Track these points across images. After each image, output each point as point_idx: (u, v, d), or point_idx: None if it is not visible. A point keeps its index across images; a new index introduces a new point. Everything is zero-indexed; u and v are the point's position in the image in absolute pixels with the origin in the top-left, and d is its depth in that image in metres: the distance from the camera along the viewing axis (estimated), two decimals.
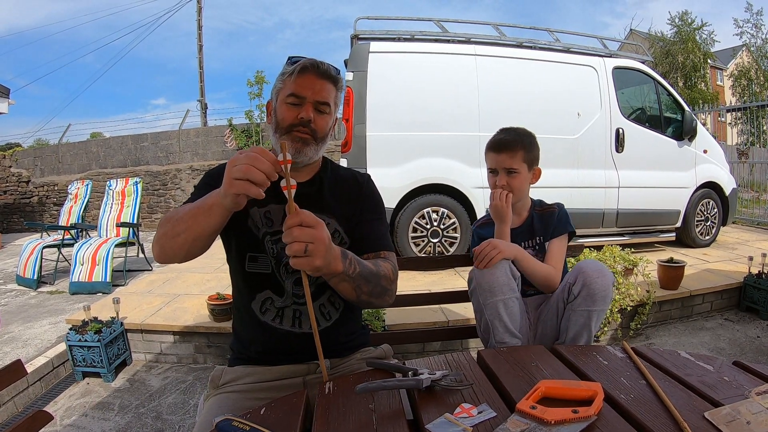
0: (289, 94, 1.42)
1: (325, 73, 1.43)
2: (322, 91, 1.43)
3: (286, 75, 1.43)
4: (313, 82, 1.42)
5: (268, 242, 1.47)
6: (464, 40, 5.43)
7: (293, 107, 1.42)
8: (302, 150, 1.43)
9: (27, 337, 4.06)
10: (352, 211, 1.55)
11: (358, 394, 1.04)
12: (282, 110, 1.44)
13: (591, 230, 5.55)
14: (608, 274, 1.74)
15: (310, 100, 1.42)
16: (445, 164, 5.16)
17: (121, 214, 6.46)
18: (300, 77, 1.41)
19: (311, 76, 1.42)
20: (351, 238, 1.53)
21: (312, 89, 1.42)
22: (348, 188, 1.59)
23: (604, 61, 5.62)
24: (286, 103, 1.43)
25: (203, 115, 16.52)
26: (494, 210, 2.03)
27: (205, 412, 1.38)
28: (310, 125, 1.42)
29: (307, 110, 1.41)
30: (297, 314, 1.47)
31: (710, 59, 22.12)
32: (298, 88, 1.41)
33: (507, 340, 1.78)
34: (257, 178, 1.07)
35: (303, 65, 1.41)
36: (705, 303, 4.29)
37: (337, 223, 1.51)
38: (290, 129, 1.42)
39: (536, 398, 1.00)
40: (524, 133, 2.12)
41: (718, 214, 6.25)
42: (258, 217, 1.47)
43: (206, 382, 3.31)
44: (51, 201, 12.15)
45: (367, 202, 1.59)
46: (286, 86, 1.43)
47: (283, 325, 1.46)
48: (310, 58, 1.44)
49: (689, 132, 5.83)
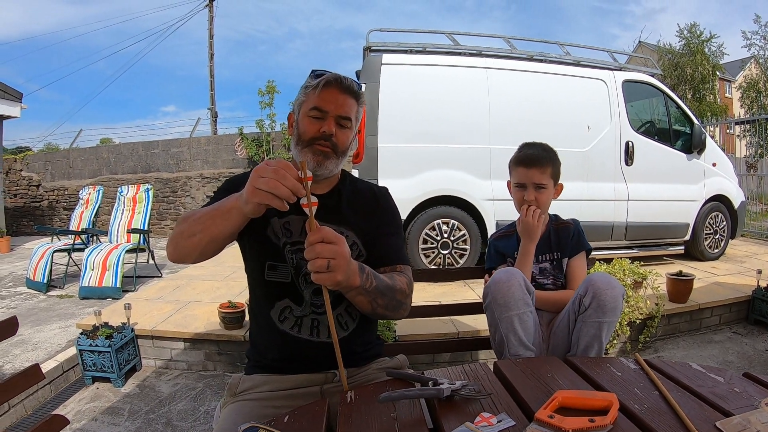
0: (312, 108, 1.44)
1: (348, 89, 1.45)
2: (344, 105, 1.45)
3: (310, 89, 1.45)
4: (335, 97, 1.44)
5: (288, 252, 1.48)
6: (475, 52, 5.47)
7: (316, 121, 1.44)
8: (323, 163, 1.45)
9: (37, 341, 4.09)
10: (370, 224, 1.56)
11: (380, 403, 1.06)
12: (304, 123, 1.46)
13: (600, 243, 5.55)
14: (618, 286, 1.75)
15: (333, 114, 1.44)
16: (456, 176, 5.19)
17: (131, 221, 6.50)
18: (323, 91, 1.43)
19: (334, 91, 1.44)
20: (368, 251, 1.54)
21: (335, 103, 1.43)
22: (366, 202, 1.61)
23: (614, 75, 5.64)
24: (308, 117, 1.45)
25: (213, 124, 16.62)
26: (524, 226, 2.03)
27: (222, 420, 1.40)
28: (332, 139, 1.44)
29: (329, 124, 1.43)
30: (315, 323, 1.47)
31: (719, 71, 22.05)
32: (321, 102, 1.43)
33: (521, 353, 1.79)
34: (282, 193, 1.11)
35: (327, 80, 1.43)
36: (714, 316, 4.28)
37: (355, 236, 1.53)
38: (312, 142, 1.44)
39: (553, 408, 1.02)
40: (550, 149, 2.14)
41: (727, 227, 6.24)
42: (278, 227, 1.49)
43: (216, 390, 3.35)
44: (61, 205, 12.23)
45: (384, 216, 1.61)
46: (309, 100, 1.45)
47: (301, 334, 1.47)
48: (333, 73, 1.46)
49: (698, 145, 5.83)
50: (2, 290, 6.06)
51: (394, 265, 1.53)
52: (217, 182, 11.09)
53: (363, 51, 5.43)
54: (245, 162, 11.65)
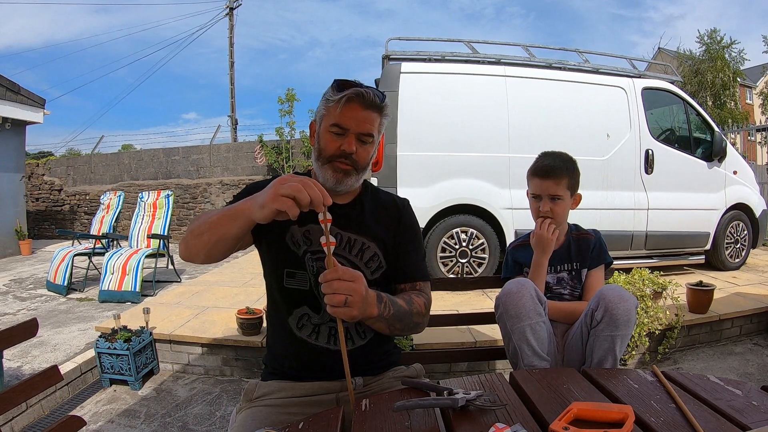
0: (333, 124, 1.42)
1: (371, 104, 1.42)
2: (365, 122, 1.43)
3: (332, 103, 1.42)
4: (357, 114, 1.41)
5: (309, 260, 1.47)
6: (494, 61, 5.46)
7: (336, 137, 1.43)
8: (343, 180, 1.45)
9: (56, 342, 4.14)
10: (391, 237, 1.57)
11: (394, 412, 1.06)
12: (325, 139, 1.45)
13: (620, 253, 5.50)
14: (630, 299, 1.73)
15: (354, 131, 1.42)
16: (475, 185, 5.18)
17: (152, 226, 6.58)
18: (345, 108, 1.40)
19: (356, 107, 1.41)
20: (388, 264, 1.54)
21: (356, 120, 1.41)
22: (388, 213, 1.61)
23: (633, 82, 5.60)
24: (329, 132, 1.43)
25: (233, 131, 16.76)
26: (538, 239, 2.02)
27: (238, 425, 1.40)
28: (352, 157, 1.43)
29: (350, 143, 1.42)
30: (333, 331, 1.47)
31: (740, 77, 21.80)
32: (343, 119, 1.41)
33: (536, 363, 1.78)
34: (304, 200, 1.10)
35: (348, 97, 1.39)
36: (734, 327, 4.21)
37: (377, 247, 1.52)
38: (332, 159, 1.44)
39: (569, 419, 1.01)
40: (568, 159, 2.11)
41: (748, 237, 6.14)
42: (299, 235, 1.48)
43: (233, 395, 3.36)
44: (82, 210, 12.40)
45: (406, 231, 1.60)
46: (330, 114, 1.43)
47: (318, 342, 1.46)
48: (356, 86, 1.42)
49: (719, 153, 5.76)
50: (23, 292, 6.16)
51: (414, 282, 1.55)
52: (237, 189, 11.17)
53: (382, 59, 5.45)
54: (265, 169, 11.73)
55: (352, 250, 1.50)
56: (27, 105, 9.53)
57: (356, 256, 1.50)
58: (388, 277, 1.56)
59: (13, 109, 9.24)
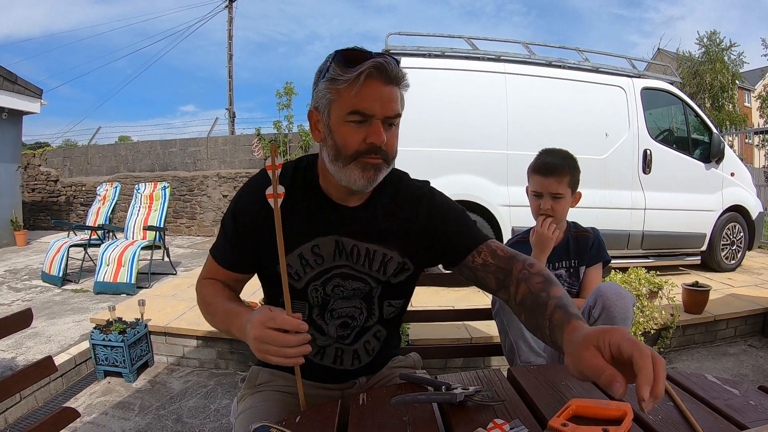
0: (352, 112, 1.13)
1: (394, 77, 1.15)
2: (390, 102, 1.15)
3: (343, 83, 1.13)
4: (380, 92, 1.13)
5: (312, 290, 1.30)
6: (494, 57, 5.44)
7: (358, 128, 1.15)
8: (374, 178, 1.20)
9: (50, 334, 4.13)
10: (417, 233, 1.34)
11: (392, 406, 1.06)
12: (343, 132, 1.16)
13: (616, 252, 5.50)
14: (627, 297, 1.73)
15: (379, 116, 1.14)
16: (473, 181, 5.17)
17: (148, 218, 6.56)
18: (365, 88, 1.11)
19: (378, 84, 1.13)
20: (417, 264, 1.37)
21: (380, 102, 1.13)
22: (407, 208, 1.35)
23: (633, 82, 5.60)
24: (347, 123, 1.15)
25: (231, 124, 16.71)
26: (538, 237, 2.01)
27: (246, 412, 1.32)
28: (382, 148, 1.17)
29: (378, 132, 1.14)
30: (339, 352, 1.37)
31: (738, 80, 21.83)
32: (364, 103, 1.12)
33: (532, 359, 1.78)
34: (290, 363, 1.07)
35: (368, 73, 1.10)
36: (729, 328, 4.23)
37: (399, 254, 1.32)
38: (357, 156, 1.16)
39: (567, 416, 1.00)
40: (569, 157, 2.11)
41: (744, 239, 6.17)
42: (299, 263, 1.28)
43: (227, 388, 3.36)
44: (78, 201, 12.35)
45: (434, 217, 1.35)
46: (344, 99, 1.14)
47: (323, 362, 1.37)
48: (372, 57, 1.12)
49: (717, 154, 5.78)
50: (18, 283, 6.14)
51: (476, 247, 1.29)
52: (234, 182, 11.14)
53: None
54: (262, 162, 11.68)
55: (372, 265, 1.31)
56: (24, 95, 9.48)
57: (379, 270, 1.32)
58: (414, 278, 1.40)
59: (10, 98, 9.20)
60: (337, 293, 1.31)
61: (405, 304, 1.44)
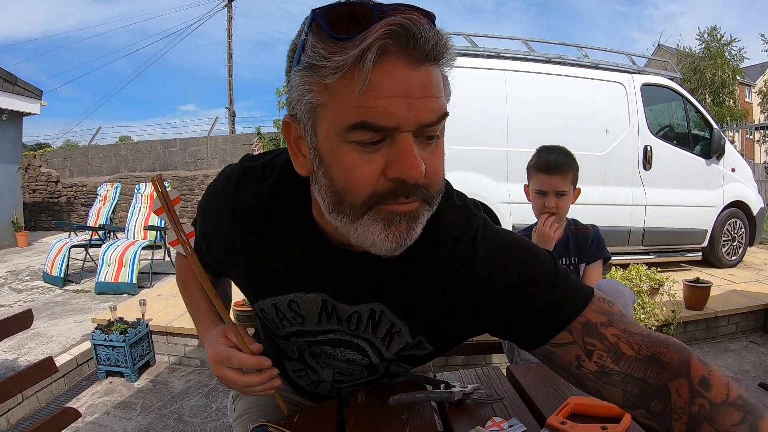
0: (358, 125, 0.64)
1: (430, 50, 0.65)
2: (427, 95, 0.67)
3: (334, 72, 0.62)
4: (407, 83, 0.63)
5: (295, 343, 1.03)
6: (494, 54, 5.42)
7: (372, 151, 0.67)
8: (409, 236, 0.73)
9: (52, 334, 4.14)
10: (452, 308, 0.89)
11: (390, 406, 1.06)
12: (345, 163, 0.68)
13: (617, 248, 5.49)
14: (627, 294, 1.72)
15: (408, 127, 0.65)
16: (473, 179, 5.14)
17: (148, 218, 6.56)
18: (379, 74, 0.61)
19: (401, 67, 0.63)
20: (445, 346, 0.99)
21: (408, 99, 0.64)
22: (438, 264, 0.86)
23: (633, 78, 5.58)
24: (349, 145, 0.67)
25: (231, 123, 16.71)
26: (540, 236, 1.98)
27: (239, 417, 1.27)
28: (419, 185, 0.69)
29: (409, 157, 0.65)
30: (335, 386, 1.13)
31: (739, 75, 21.81)
32: (379, 108, 0.63)
33: (531, 357, 1.78)
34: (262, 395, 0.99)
35: (383, 45, 0.60)
36: (730, 325, 4.22)
37: (409, 333, 0.92)
38: (375, 203, 0.69)
39: (566, 414, 1.01)
40: (569, 153, 2.10)
41: (745, 234, 6.14)
42: (274, 313, 0.96)
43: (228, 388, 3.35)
44: (79, 201, 12.36)
45: (487, 292, 0.86)
46: (342, 100, 0.64)
47: (319, 391, 1.17)
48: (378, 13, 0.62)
49: (717, 150, 5.75)
50: (19, 284, 6.15)
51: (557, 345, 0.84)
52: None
53: None
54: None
55: (378, 331, 0.93)
56: (24, 96, 9.49)
57: (383, 340, 0.94)
58: (434, 356, 1.02)
59: (10, 100, 9.20)
60: (328, 363, 1.05)
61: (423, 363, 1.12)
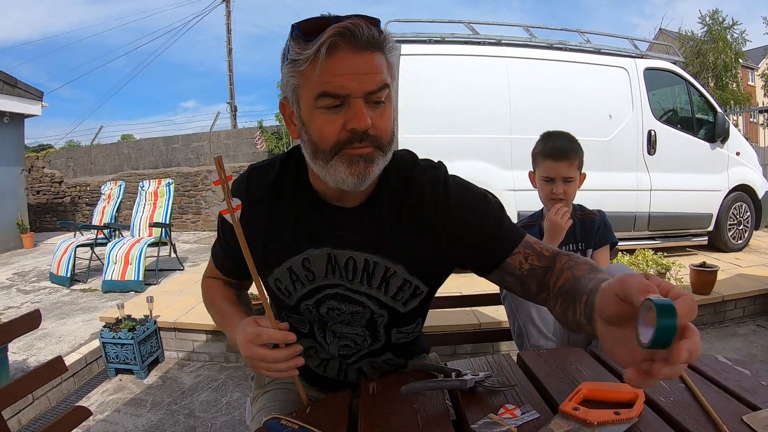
0: (321, 95, 0.91)
1: (368, 41, 0.89)
2: (370, 72, 0.91)
3: (303, 63, 0.91)
4: (352, 63, 0.89)
5: (304, 309, 1.17)
6: (495, 42, 5.39)
7: (333, 114, 0.92)
8: (367, 173, 0.96)
9: (61, 334, 4.15)
10: (432, 238, 1.09)
11: (402, 395, 1.05)
12: (317, 122, 0.94)
13: (622, 234, 5.47)
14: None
15: (358, 94, 0.90)
16: (477, 167, 5.13)
17: (153, 215, 6.57)
18: (330, 62, 0.88)
19: (347, 54, 0.89)
20: (432, 284, 1.17)
21: (354, 75, 0.89)
22: (420, 204, 1.09)
23: (635, 62, 5.55)
24: (319, 110, 0.93)
25: (233, 118, 16.71)
26: (551, 225, 1.96)
27: (256, 412, 1.30)
28: (370, 134, 0.93)
29: (359, 114, 0.90)
30: (343, 366, 1.26)
31: (741, 59, 21.66)
32: (334, 82, 0.89)
33: (541, 343, 1.77)
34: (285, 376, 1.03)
35: (331, 42, 0.87)
36: (737, 309, 4.20)
37: (406, 271, 1.10)
38: (339, 149, 0.94)
39: (578, 400, 1.00)
40: (574, 139, 2.08)
41: (751, 218, 6.11)
42: (288, 278, 1.14)
43: (238, 381, 3.37)
44: (83, 201, 12.38)
45: (455, 216, 1.09)
46: (311, 81, 0.91)
47: (327, 374, 1.28)
48: (334, 22, 0.89)
49: (721, 134, 5.73)
50: (26, 285, 6.17)
51: (513, 252, 1.08)
52: (238, 175, 11.10)
53: None
54: (265, 155, 11.66)
55: (372, 282, 1.11)
56: (24, 98, 9.49)
57: (380, 289, 1.12)
58: (429, 300, 1.21)
59: (11, 102, 9.21)
60: (334, 317, 1.17)
61: (419, 327, 1.30)
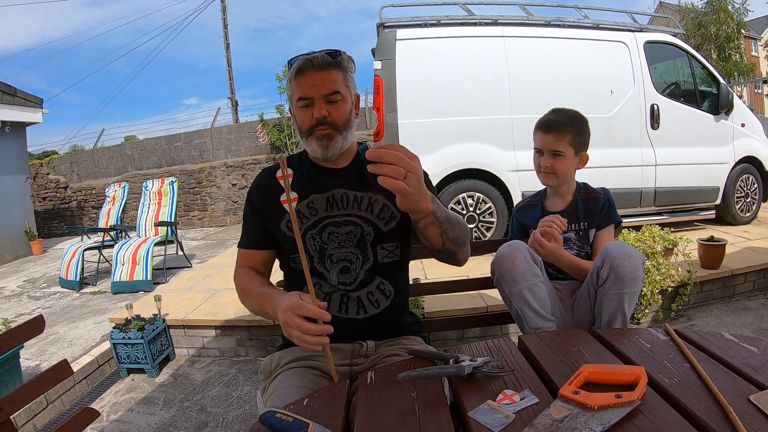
0: (299, 99, 1.47)
1: (322, 64, 1.44)
2: (326, 83, 1.45)
3: (290, 80, 1.49)
4: (313, 79, 1.44)
5: (309, 239, 1.52)
6: (491, 21, 5.34)
7: (306, 110, 1.47)
8: (329, 146, 1.48)
9: (72, 337, 4.17)
10: None
11: (399, 383, 1.05)
12: (299, 115, 1.50)
13: (629, 210, 5.44)
14: (635, 255, 1.68)
15: (318, 97, 1.45)
16: (479, 149, 5.11)
17: (158, 214, 6.57)
18: (300, 79, 1.45)
19: (310, 74, 1.45)
20: (403, 211, 1.45)
21: (315, 86, 1.44)
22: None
23: (635, 36, 5.48)
24: (299, 108, 1.49)
25: (234, 112, 16.65)
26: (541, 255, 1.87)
27: (266, 400, 1.44)
28: (327, 120, 1.46)
29: (319, 108, 1.44)
30: (344, 299, 1.52)
31: (744, 29, 21.41)
32: (303, 90, 1.45)
33: (540, 324, 1.76)
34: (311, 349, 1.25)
35: (298, 67, 1.44)
36: (747, 282, 4.16)
37: (385, 198, 1.54)
38: (311, 131, 1.48)
39: (579, 383, 0.99)
40: (576, 116, 2.04)
41: (759, 190, 6.03)
42: (296, 216, 1.48)
43: (248, 375, 3.38)
44: (89, 204, 12.42)
45: None
46: (294, 90, 1.48)
47: (329, 310, 1.39)
48: (304, 55, 1.46)
49: (725, 105, 5.64)
50: (37, 291, 6.20)
51: None
52: (242, 170, 11.10)
53: (377, 28, 5.36)
54: (267, 148, 11.63)
55: (360, 206, 1.54)
56: (24, 106, 9.48)
57: (366, 210, 1.53)
58: (404, 226, 1.55)
59: (11, 111, 9.20)
60: (333, 240, 1.52)
61: (401, 250, 1.58)
